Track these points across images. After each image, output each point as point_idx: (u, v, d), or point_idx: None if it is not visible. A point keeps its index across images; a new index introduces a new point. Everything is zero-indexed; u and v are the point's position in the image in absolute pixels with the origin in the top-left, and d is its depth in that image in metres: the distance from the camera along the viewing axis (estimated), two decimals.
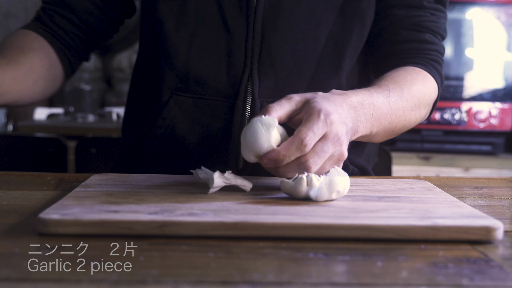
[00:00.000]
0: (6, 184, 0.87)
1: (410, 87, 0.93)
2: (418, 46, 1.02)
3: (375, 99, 0.86)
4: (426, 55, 1.02)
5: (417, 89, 0.95)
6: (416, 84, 0.95)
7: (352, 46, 0.99)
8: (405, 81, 0.94)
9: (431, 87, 0.99)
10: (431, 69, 1.00)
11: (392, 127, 0.92)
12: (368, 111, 0.84)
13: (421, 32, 1.02)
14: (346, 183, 0.73)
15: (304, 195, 0.71)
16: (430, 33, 1.03)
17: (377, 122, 0.86)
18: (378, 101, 0.87)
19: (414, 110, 0.95)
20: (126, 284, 0.48)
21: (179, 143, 0.97)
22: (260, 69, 0.96)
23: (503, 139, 2.23)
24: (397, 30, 1.02)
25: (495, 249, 0.60)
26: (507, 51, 2.24)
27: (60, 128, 2.34)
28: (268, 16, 0.96)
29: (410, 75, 0.96)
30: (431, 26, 1.03)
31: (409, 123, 0.96)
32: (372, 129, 0.86)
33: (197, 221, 0.61)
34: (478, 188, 0.92)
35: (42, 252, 0.56)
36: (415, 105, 0.94)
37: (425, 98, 0.97)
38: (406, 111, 0.93)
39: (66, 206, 0.65)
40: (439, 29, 1.04)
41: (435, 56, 1.03)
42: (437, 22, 1.04)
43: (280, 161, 0.72)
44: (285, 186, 0.73)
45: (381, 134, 0.91)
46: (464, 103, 2.21)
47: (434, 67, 1.01)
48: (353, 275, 0.52)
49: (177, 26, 0.97)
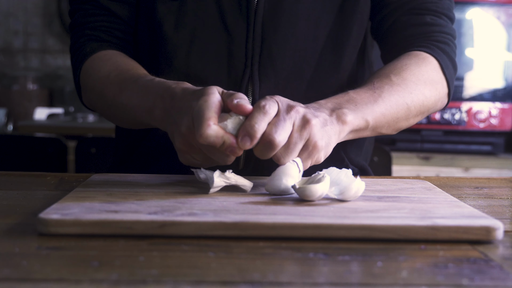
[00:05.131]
0: (6, 184, 0.87)
1: (398, 74, 0.90)
2: (419, 30, 0.99)
3: (352, 95, 0.84)
4: (428, 38, 0.98)
5: (409, 73, 0.91)
6: (407, 68, 0.91)
7: (351, 45, 0.99)
8: (393, 69, 0.91)
9: (429, 68, 0.95)
10: (433, 49, 0.96)
11: (393, 114, 0.88)
12: (350, 106, 0.82)
13: (421, 15, 0.99)
14: (360, 186, 0.73)
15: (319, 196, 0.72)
16: (432, 14, 0.99)
17: (369, 110, 0.84)
18: (359, 95, 0.85)
19: (414, 93, 0.91)
20: (126, 284, 0.48)
21: None
22: (261, 69, 0.96)
23: (503, 139, 2.24)
24: (396, 17, 1.00)
25: (495, 249, 0.60)
26: (507, 51, 2.24)
27: (60, 128, 2.35)
28: (268, 17, 0.95)
29: (401, 62, 0.93)
30: (432, 7, 0.99)
31: (421, 107, 0.92)
32: (366, 118, 0.83)
33: (197, 221, 0.61)
34: (478, 188, 0.92)
35: (42, 252, 0.56)
36: (411, 88, 0.90)
37: (423, 79, 0.92)
38: (401, 94, 0.89)
39: (66, 206, 0.65)
40: (442, 9, 1.00)
41: (440, 37, 0.98)
42: (437, 3, 0.99)
43: (252, 133, 0.70)
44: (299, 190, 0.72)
45: (383, 123, 0.87)
46: (464, 103, 2.21)
47: (438, 47, 0.97)
48: (353, 275, 0.52)
49: (177, 27, 0.96)
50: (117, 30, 1.00)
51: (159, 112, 0.80)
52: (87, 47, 0.98)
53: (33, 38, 2.87)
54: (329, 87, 0.98)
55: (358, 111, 0.82)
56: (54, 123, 2.46)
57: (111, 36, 1.00)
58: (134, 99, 0.86)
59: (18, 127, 2.46)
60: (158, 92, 0.81)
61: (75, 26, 1.02)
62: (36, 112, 2.56)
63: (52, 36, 2.86)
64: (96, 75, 0.94)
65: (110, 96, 0.91)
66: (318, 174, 0.74)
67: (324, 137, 0.76)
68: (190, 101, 0.73)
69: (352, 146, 1.03)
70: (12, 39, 2.86)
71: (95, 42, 0.99)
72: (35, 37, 2.87)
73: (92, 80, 0.95)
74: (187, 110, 0.73)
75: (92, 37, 0.99)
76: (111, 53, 0.97)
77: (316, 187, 0.70)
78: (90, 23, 1.00)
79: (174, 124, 0.75)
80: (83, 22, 1.00)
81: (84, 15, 1.00)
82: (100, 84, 0.93)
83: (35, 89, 2.73)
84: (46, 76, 2.84)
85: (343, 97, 0.84)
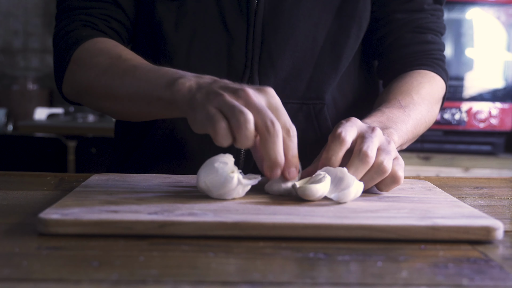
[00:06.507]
0: (6, 184, 0.87)
1: (418, 92, 0.95)
2: (421, 48, 1.03)
3: (388, 114, 0.87)
4: (429, 55, 1.03)
5: (425, 91, 0.96)
6: (423, 87, 0.96)
7: (349, 47, 1.00)
8: (412, 87, 0.95)
9: (438, 86, 1.01)
10: (436, 68, 1.02)
11: (417, 132, 0.93)
12: (391, 125, 0.85)
13: (424, 34, 1.03)
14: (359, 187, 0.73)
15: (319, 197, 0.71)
16: (432, 33, 1.04)
17: (402, 132, 0.86)
18: (393, 113, 0.88)
19: (429, 111, 0.96)
20: (126, 284, 0.48)
21: (179, 143, 0.97)
22: (261, 70, 0.96)
23: (503, 139, 2.23)
24: (401, 34, 1.03)
25: (495, 249, 0.60)
26: (507, 51, 2.24)
27: (60, 128, 2.35)
28: (268, 18, 0.96)
29: (416, 80, 0.98)
30: (433, 26, 1.04)
31: (429, 123, 0.98)
32: (402, 136, 0.86)
33: (197, 221, 0.61)
34: (478, 188, 0.92)
35: (42, 252, 0.56)
36: (427, 106, 0.96)
37: (434, 98, 0.99)
38: (423, 113, 0.94)
39: (66, 206, 0.65)
40: (439, 28, 1.06)
41: (438, 54, 1.04)
42: (437, 22, 1.05)
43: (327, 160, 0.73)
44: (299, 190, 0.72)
45: (409, 139, 0.91)
46: (464, 103, 2.21)
47: (439, 65, 1.03)
48: (353, 275, 0.52)
49: (176, 27, 0.96)
50: (116, 21, 0.96)
51: (187, 81, 0.72)
52: (82, 31, 0.92)
53: (33, 38, 2.87)
54: (327, 88, 0.98)
55: (399, 130, 0.85)
56: (54, 123, 2.46)
57: (108, 27, 0.95)
58: (142, 84, 0.78)
59: (18, 127, 2.46)
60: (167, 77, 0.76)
61: (67, 9, 0.96)
62: (36, 112, 2.56)
63: (52, 36, 2.86)
64: (96, 59, 0.87)
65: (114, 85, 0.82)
66: (318, 174, 0.74)
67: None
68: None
69: None
70: (12, 39, 2.86)
71: (90, 28, 0.93)
72: (35, 37, 2.87)
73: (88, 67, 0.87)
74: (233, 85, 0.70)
75: (87, 23, 0.94)
76: (109, 41, 0.92)
77: (316, 187, 0.70)
78: (86, 8, 0.94)
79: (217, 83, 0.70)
80: (78, 6, 0.95)
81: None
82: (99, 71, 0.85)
83: (35, 89, 2.73)
84: (46, 76, 2.84)
85: (382, 115, 0.86)
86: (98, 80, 0.85)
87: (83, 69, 0.89)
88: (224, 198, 0.71)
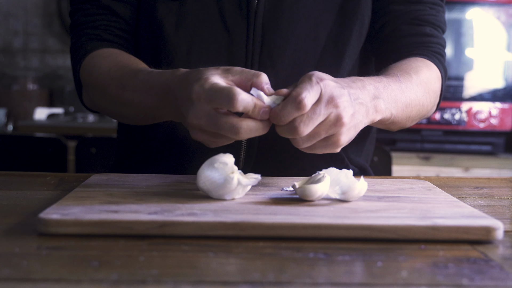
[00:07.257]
0: (6, 184, 0.87)
1: (417, 73, 0.92)
2: (419, 39, 1.01)
3: (386, 83, 0.84)
4: (428, 47, 1.01)
5: (423, 75, 0.93)
6: (421, 70, 0.94)
7: (352, 45, 0.99)
8: (411, 68, 0.93)
9: (435, 75, 0.98)
10: (434, 59, 1.00)
11: (409, 111, 0.89)
12: (384, 92, 0.82)
13: (422, 26, 1.01)
14: (363, 186, 0.73)
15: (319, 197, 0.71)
16: (431, 26, 1.02)
17: (394, 104, 0.84)
18: (391, 85, 0.85)
19: (424, 95, 0.93)
20: (126, 284, 0.48)
21: (180, 143, 0.97)
22: (261, 70, 0.95)
23: (503, 139, 2.24)
24: (397, 25, 1.01)
25: (495, 249, 0.60)
26: (507, 51, 2.24)
27: (60, 128, 2.35)
28: (269, 17, 0.96)
29: (414, 63, 0.95)
30: (431, 19, 1.02)
31: (423, 108, 0.94)
32: (392, 110, 0.83)
33: (197, 221, 0.61)
34: (478, 188, 0.92)
35: (42, 252, 0.56)
36: (425, 90, 0.93)
37: (432, 84, 0.96)
38: (418, 94, 0.91)
39: (66, 206, 0.65)
40: (439, 22, 1.03)
41: (437, 48, 1.02)
42: (436, 16, 1.03)
43: (277, 119, 0.69)
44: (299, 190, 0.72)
45: (400, 119, 0.88)
46: (464, 103, 2.21)
47: (437, 58, 1.01)
48: (353, 275, 0.52)
49: (177, 27, 0.96)
50: (118, 29, 1.00)
51: (168, 110, 0.80)
52: (87, 45, 0.98)
53: (33, 38, 2.87)
54: None
55: (389, 102, 0.82)
56: (54, 123, 2.46)
57: (111, 35, 0.99)
58: (137, 96, 0.85)
59: (18, 127, 2.46)
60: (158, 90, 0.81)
61: (75, 26, 1.01)
62: (36, 112, 2.56)
63: (52, 36, 2.86)
64: (97, 71, 0.93)
65: (113, 93, 0.89)
66: (318, 174, 0.74)
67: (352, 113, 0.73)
68: (191, 85, 0.73)
69: (352, 146, 1.03)
70: (12, 39, 2.86)
71: (96, 41, 0.99)
72: (35, 37, 2.87)
73: (93, 77, 0.94)
74: (190, 97, 0.72)
75: (92, 36, 0.99)
76: (112, 51, 0.97)
77: (316, 187, 0.70)
78: (90, 22, 1.00)
79: (185, 115, 0.74)
80: (83, 21, 1.00)
81: (84, 14, 1.00)
82: (102, 81, 0.92)
83: (35, 89, 2.73)
84: (46, 76, 2.84)
85: (379, 81, 0.83)
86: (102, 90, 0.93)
87: (89, 86, 0.96)
88: (224, 198, 0.71)
